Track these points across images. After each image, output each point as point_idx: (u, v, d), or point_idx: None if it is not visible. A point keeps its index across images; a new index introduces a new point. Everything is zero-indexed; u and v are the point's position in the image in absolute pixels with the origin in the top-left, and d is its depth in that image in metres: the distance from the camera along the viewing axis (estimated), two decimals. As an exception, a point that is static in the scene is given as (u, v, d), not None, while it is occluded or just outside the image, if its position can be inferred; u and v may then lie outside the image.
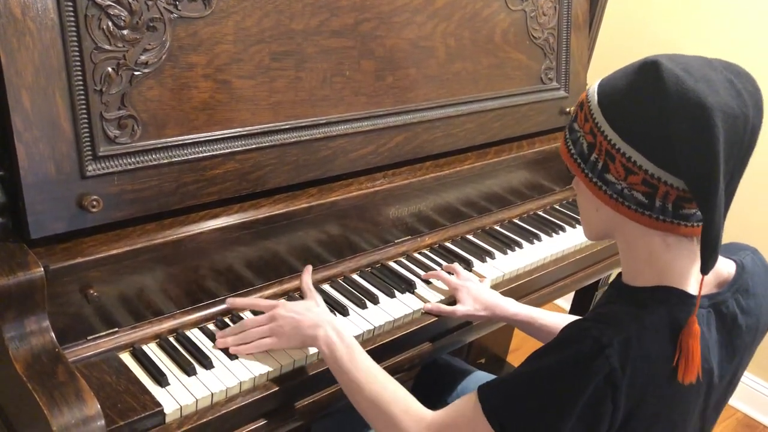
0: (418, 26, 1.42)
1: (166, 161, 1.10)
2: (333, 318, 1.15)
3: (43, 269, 0.98)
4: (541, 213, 1.81)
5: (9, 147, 0.97)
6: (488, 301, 1.34)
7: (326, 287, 1.36)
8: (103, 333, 1.10)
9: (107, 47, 1.02)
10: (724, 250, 1.01)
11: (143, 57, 1.05)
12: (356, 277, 1.41)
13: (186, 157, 1.12)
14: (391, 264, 1.47)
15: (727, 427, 2.48)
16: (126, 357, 1.11)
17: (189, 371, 1.09)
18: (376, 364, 1.09)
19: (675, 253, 0.90)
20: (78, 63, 0.99)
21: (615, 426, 0.86)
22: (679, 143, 0.81)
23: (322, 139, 1.30)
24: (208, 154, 1.15)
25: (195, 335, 1.18)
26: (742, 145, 0.82)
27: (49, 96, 0.98)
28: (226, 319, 1.22)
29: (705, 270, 0.84)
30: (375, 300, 1.34)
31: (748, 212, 2.34)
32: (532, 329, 1.33)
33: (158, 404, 1.02)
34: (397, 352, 1.31)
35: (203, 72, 1.13)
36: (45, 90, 0.97)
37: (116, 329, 1.12)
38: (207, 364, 1.11)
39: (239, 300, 1.24)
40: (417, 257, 1.52)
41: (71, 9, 0.97)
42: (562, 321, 1.30)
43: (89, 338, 1.09)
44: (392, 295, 1.37)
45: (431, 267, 1.48)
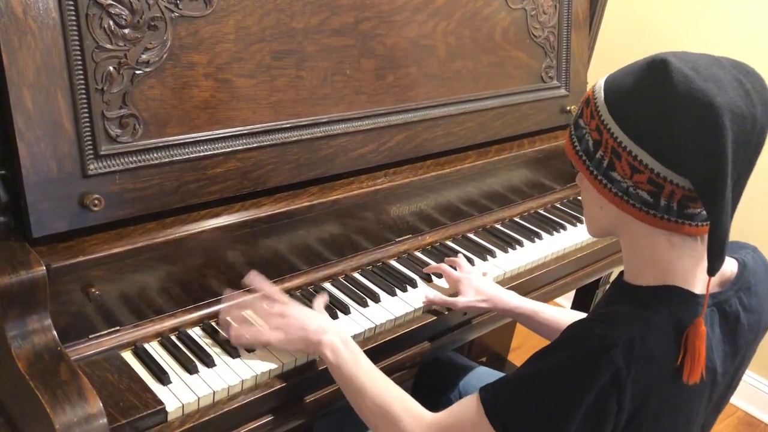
0: (419, 25, 1.42)
1: (168, 160, 1.11)
2: (338, 326, 1.16)
3: (45, 268, 0.98)
4: (542, 211, 1.82)
5: (11, 146, 0.98)
6: (490, 293, 1.34)
7: (328, 286, 1.37)
8: (105, 331, 1.11)
9: (108, 46, 1.02)
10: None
11: (144, 56, 1.06)
12: (358, 276, 1.41)
13: (187, 156, 1.13)
14: (393, 262, 1.48)
15: (729, 426, 2.48)
16: (128, 355, 1.11)
17: (191, 369, 1.09)
18: (379, 370, 1.09)
19: (679, 253, 0.90)
20: (79, 62, 1.00)
21: (619, 426, 0.85)
22: (687, 143, 0.80)
23: (323, 138, 1.30)
24: (210, 153, 1.15)
25: (197, 333, 1.18)
26: (750, 146, 0.81)
27: (51, 95, 0.98)
28: (228, 318, 1.23)
29: (712, 272, 0.83)
30: (376, 298, 1.34)
31: (751, 211, 2.34)
32: (534, 323, 1.33)
33: (160, 402, 1.02)
34: (399, 350, 1.31)
35: (204, 71, 1.13)
36: (47, 89, 0.97)
37: (118, 328, 1.12)
38: (209, 363, 1.11)
39: (260, 282, 1.23)
40: (418, 256, 1.52)
41: (72, 8, 0.98)
42: (564, 316, 1.30)
43: (91, 337, 1.09)
44: (393, 294, 1.37)
45: (432, 265, 1.49)
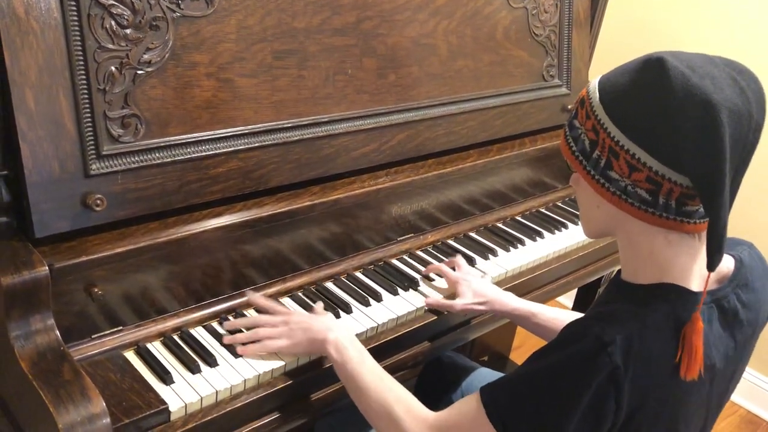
0: (420, 24, 1.42)
1: (170, 160, 1.11)
2: (343, 325, 1.16)
3: (48, 268, 0.98)
4: (544, 210, 1.82)
5: (13, 146, 0.98)
6: (488, 295, 1.34)
7: (330, 285, 1.37)
8: (108, 331, 1.11)
9: (110, 46, 1.02)
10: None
11: (146, 56, 1.06)
12: (359, 275, 1.41)
13: (189, 156, 1.13)
14: (394, 262, 1.48)
15: (731, 424, 2.48)
16: (130, 355, 1.12)
17: (193, 369, 1.09)
18: (383, 369, 1.09)
19: (677, 250, 0.90)
20: (81, 62, 1.00)
21: (618, 424, 0.86)
22: (685, 140, 0.81)
23: (325, 138, 1.30)
24: (211, 153, 1.16)
25: (199, 333, 1.18)
26: (746, 143, 0.82)
27: (53, 95, 0.98)
28: (230, 317, 1.23)
29: (711, 267, 0.84)
30: (378, 298, 1.34)
31: (748, 209, 2.34)
32: (532, 325, 1.33)
33: (163, 402, 1.02)
34: (401, 350, 1.31)
35: (206, 71, 1.13)
36: (49, 89, 0.97)
37: (120, 328, 1.12)
38: (211, 362, 1.11)
39: (260, 300, 1.24)
40: (420, 255, 1.52)
41: (74, 8, 0.98)
42: (563, 317, 1.30)
43: (94, 337, 1.09)
44: (395, 293, 1.37)
45: (434, 264, 1.49)
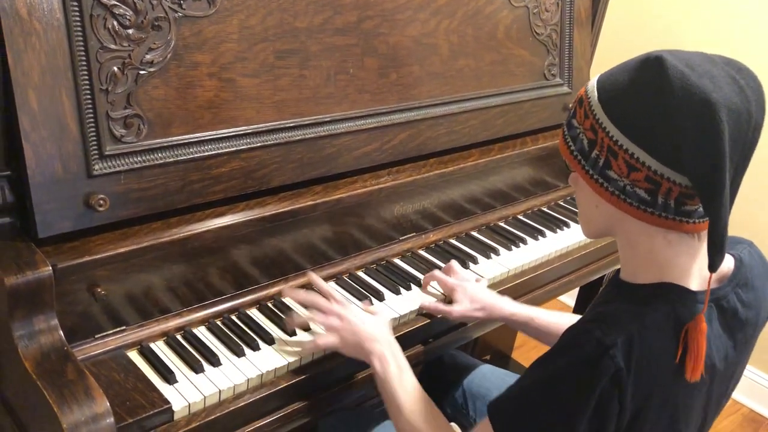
0: (421, 23, 1.42)
1: (172, 160, 1.11)
2: (391, 337, 1.16)
3: (51, 268, 0.98)
4: (545, 209, 1.82)
5: (16, 147, 0.98)
6: (485, 301, 1.33)
7: (332, 284, 1.37)
8: (111, 331, 1.11)
9: (113, 47, 1.02)
10: None
11: (148, 56, 1.06)
12: (361, 275, 1.42)
13: (191, 156, 1.13)
14: (396, 261, 1.48)
15: (733, 422, 2.48)
16: (134, 355, 1.12)
17: (197, 368, 1.10)
18: (421, 389, 1.09)
19: (676, 250, 0.89)
20: (84, 63, 1.00)
21: (622, 426, 0.85)
22: (684, 140, 0.80)
23: (327, 137, 1.31)
24: (214, 153, 1.16)
25: (202, 333, 1.19)
26: (746, 142, 0.82)
27: (56, 96, 0.98)
28: (233, 317, 1.23)
29: (713, 268, 0.83)
30: (380, 297, 1.35)
31: (748, 207, 2.34)
32: (530, 329, 1.32)
33: (166, 401, 1.02)
34: (403, 349, 1.30)
35: (208, 71, 1.13)
36: (51, 90, 0.98)
37: (124, 327, 1.13)
38: (214, 362, 1.12)
39: (320, 283, 1.26)
40: (422, 254, 1.52)
41: (77, 9, 0.98)
42: (561, 320, 1.29)
43: (97, 336, 1.10)
44: (397, 292, 1.37)
45: (436, 264, 1.48)
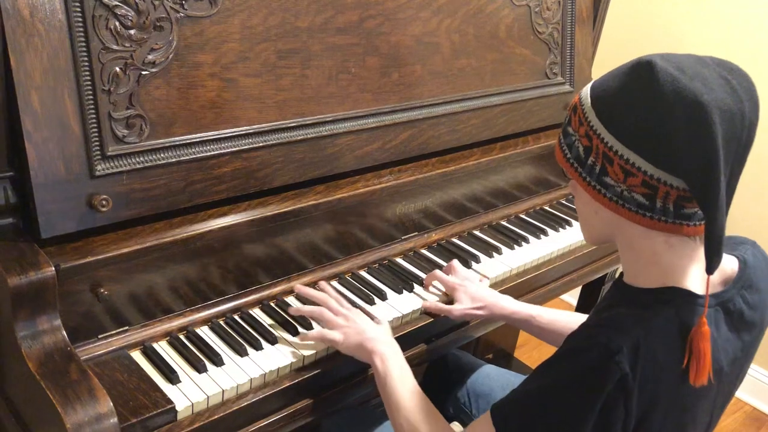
0: (423, 22, 1.42)
1: (174, 160, 1.11)
2: (393, 340, 1.17)
3: (54, 269, 0.99)
4: (548, 208, 1.82)
5: (19, 147, 0.98)
6: (486, 300, 1.33)
7: (334, 284, 1.37)
8: (114, 331, 1.11)
9: (115, 47, 1.02)
10: (724, 245, 1.00)
11: (150, 56, 1.06)
12: (364, 274, 1.42)
13: (194, 156, 1.13)
14: (399, 260, 1.48)
15: (736, 420, 2.47)
16: (137, 355, 1.12)
17: (200, 368, 1.10)
18: (421, 390, 1.10)
19: (679, 254, 0.89)
20: (86, 63, 1.00)
21: (628, 431, 0.85)
22: (677, 143, 0.80)
23: (329, 137, 1.31)
24: (216, 153, 1.16)
25: (205, 332, 1.19)
26: (741, 142, 0.82)
27: (58, 96, 0.98)
28: (236, 317, 1.23)
29: (710, 270, 0.83)
30: (383, 296, 1.35)
31: (750, 206, 2.33)
32: (531, 327, 1.32)
33: (170, 401, 1.02)
34: (406, 348, 1.31)
35: (210, 71, 1.13)
36: (54, 91, 0.98)
37: (127, 328, 1.13)
38: (217, 362, 1.12)
39: (329, 288, 1.29)
40: (424, 253, 1.52)
41: (79, 10, 0.98)
42: (562, 318, 1.29)
43: (100, 337, 1.10)
44: (400, 291, 1.37)
45: (438, 263, 1.49)
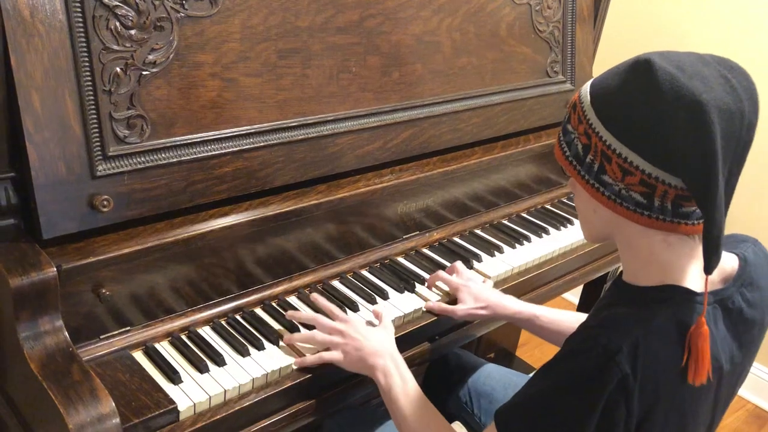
0: (424, 21, 1.42)
1: (175, 160, 1.11)
2: (394, 349, 1.16)
3: (56, 269, 0.99)
4: (549, 206, 1.81)
5: (20, 148, 0.98)
6: (489, 300, 1.33)
7: (336, 284, 1.37)
8: (116, 332, 1.11)
9: (115, 47, 1.02)
10: (725, 243, 0.98)
11: (151, 56, 1.06)
12: (365, 273, 1.42)
13: (195, 156, 1.13)
14: (400, 259, 1.48)
15: (738, 418, 2.47)
16: (139, 355, 1.12)
17: (201, 368, 1.10)
18: (426, 399, 1.10)
19: (678, 252, 0.89)
20: (87, 64, 1.00)
21: (630, 431, 0.85)
22: (676, 141, 0.80)
23: (330, 136, 1.31)
24: (217, 153, 1.16)
25: (207, 333, 1.19)
26: (740, 141, 0.81)
27: (59, 97, 0.98)
28: (238, 317, 1.23)
29: (708, 270, 0.83)
30: (384, 295, 1.34)
31: (752, 204, 2.33)
32: (534, 327, 1.32)
33: (172, 402, 1.02)
34: (408, 347, 1.31)
35: (210, 71, 1.13)
36: (55, 91, 0.98)
37: (128, 328, 1.13)
38: (219, 362, 1.12)
39: (322, 301, 1.25)
40: (426, 253, 1.52)
41: (79, 10, 0.98)
42: (565, 318, 1.29)
43: (102, 337, 1.10)
44: (401, 291, 1.37)
45: (440, 262, 1.48)
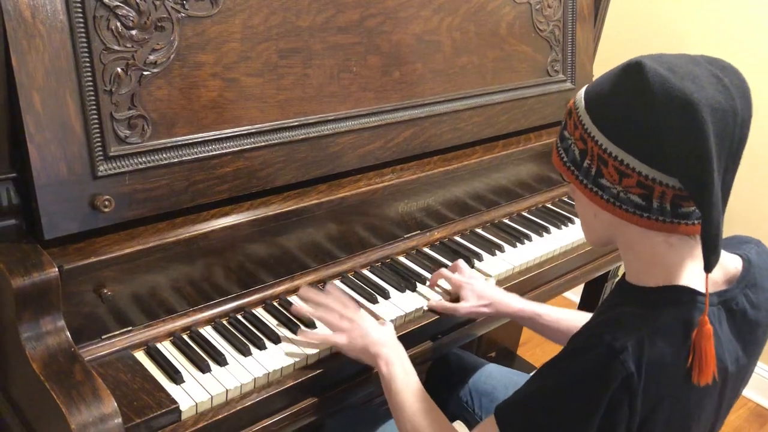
0: (424, 21, 1.42)
1: (177, 160, 1.11)
2: (398, 343, 1.17)
3: (58, 269, 0.99)
4: (550, 205, 1.81)
5: (22, 148, 0.98)
6: (492, 298, 1.33)
7: (337, 283, 1.37)
8: (118, 332, 1.11)
9: (116, 48, 1.02)
10: (728, 245, 1.00)
11: (152, 57, 1.06)
12: (367, 273, 1.42)
13: (196, 156, 1.13)
14: (401, 259, 1.48)
15: (740, 417, 2.47)
16: (140, 355, 1.12)
17: (203, 368, 1.10)
18: (426, 393, 1.10)
19: (680, 253, 0.89)
20: (88, 64, 1.00)
21: (632, 430, 0.85)
22: (669, 142, 0.81)
23: (330, 136, 1.31)
24: (218, 153, 1.16)
25: (208, 332, 1.19)
26: (734, 139, 0.82)
27: (60, 97, 0.98)
28: (239, 316, 1.23)
29: (708, 268, 0.83)
30: (386, 295, 1.35)
31: (755, 203, 2.33)
32: (537, 326, 1.32)
33: (174, 401, 1.02)
34: (409, 346, 1.31)
35: (211, 71, 1.13)
36: (56, 91, 0.98)
37: (130, 328, 1.13)
38: (221, 361, 1.12)
39: (335, 290, 1.26)
40: (427, 252, 1.52)
41: (80, 10, 0.98)
42: (568, 317, 1.29)
43: (104, 337, 1.10)
44: (403, 290, 1.37)
45: (441, 261, 1.49)
